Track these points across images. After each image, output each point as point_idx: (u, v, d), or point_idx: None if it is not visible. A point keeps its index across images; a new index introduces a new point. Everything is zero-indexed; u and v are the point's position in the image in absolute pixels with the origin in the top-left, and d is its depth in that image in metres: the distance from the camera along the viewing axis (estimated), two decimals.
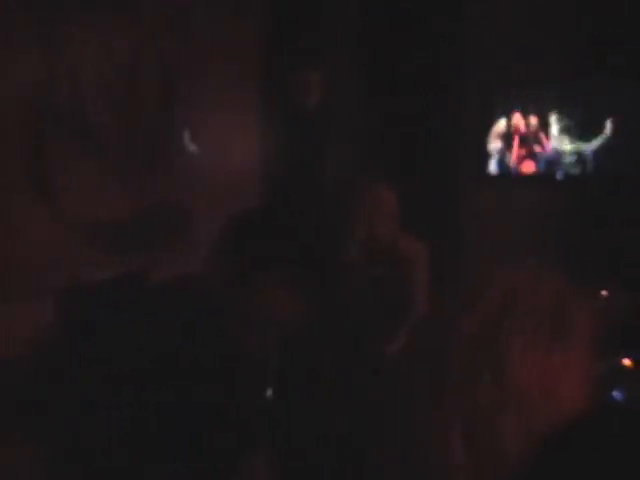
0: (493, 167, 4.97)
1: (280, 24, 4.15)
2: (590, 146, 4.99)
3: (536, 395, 0.97)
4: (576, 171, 5.00)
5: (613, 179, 5.02)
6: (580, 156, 5.02)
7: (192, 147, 3.70)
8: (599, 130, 4.95)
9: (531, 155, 4.98)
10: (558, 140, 4.97)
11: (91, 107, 3.32)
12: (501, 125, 4.92)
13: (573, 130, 4.96)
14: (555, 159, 4.99)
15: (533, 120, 4.93)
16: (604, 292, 3.87)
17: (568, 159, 5.00)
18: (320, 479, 2.61)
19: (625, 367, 3.17)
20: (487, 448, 0.98)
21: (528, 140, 4.96)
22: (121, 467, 1.73)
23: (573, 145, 4.99)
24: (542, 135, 4.95)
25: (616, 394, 2.96)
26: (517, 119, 4.93)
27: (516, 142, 4.95)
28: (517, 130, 4.94)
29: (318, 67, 4.20)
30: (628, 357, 3.17)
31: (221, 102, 3.77)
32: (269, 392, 2.88)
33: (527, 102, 4.90)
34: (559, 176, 5.00)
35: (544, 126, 4.93)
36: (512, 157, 4.96)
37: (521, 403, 0.97)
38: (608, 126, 4.93)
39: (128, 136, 3.46)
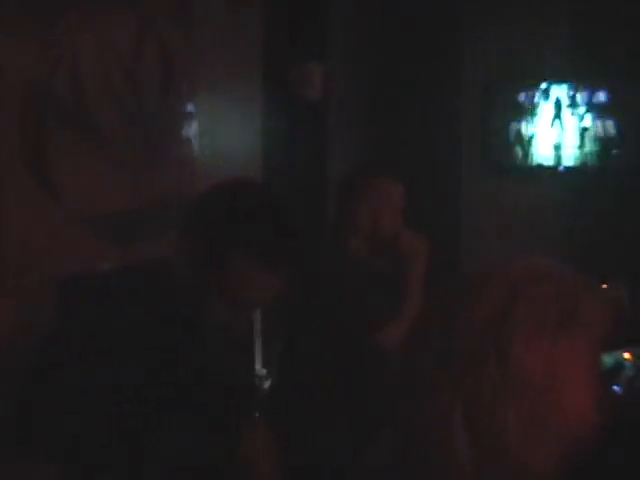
0: (494, 162, 4.97)
1: (282, 15, 4.14)
2: (592, 143, 5.02)
3: (540, 385, 0.97)
4: (578, 163, 5.02)
5: (615, 172, 5.03)
6: (583, 151, 5.04)
7: (193, 140, 3.70)
8: (601, 129, 4.98)
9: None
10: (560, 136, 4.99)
11: (92, 100, 3.32)
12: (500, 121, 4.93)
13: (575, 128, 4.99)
14: (557, 152, 5.00)
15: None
16: (604, 285, 3.87)
17: (570, 153, 5.02)
18: (320, 479, 2.61)
19: (625, 361, 3.17)
20: (489, 445, 0.98)
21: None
22: (120, 465, 1.73)
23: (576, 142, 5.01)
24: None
25: (616, 388, 2.96)
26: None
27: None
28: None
29: (319, 60, 4.20)
30: (628, 351, 3.17)
31: (222, 95, 3.77)
32: (264, 377, 2.89)
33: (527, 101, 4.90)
34: (561, 168, 5.01)
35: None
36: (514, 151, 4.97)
37: (524, 391, 0.97)
38: (610, 125, 4.96)
39: (129, 130, 3.45)
